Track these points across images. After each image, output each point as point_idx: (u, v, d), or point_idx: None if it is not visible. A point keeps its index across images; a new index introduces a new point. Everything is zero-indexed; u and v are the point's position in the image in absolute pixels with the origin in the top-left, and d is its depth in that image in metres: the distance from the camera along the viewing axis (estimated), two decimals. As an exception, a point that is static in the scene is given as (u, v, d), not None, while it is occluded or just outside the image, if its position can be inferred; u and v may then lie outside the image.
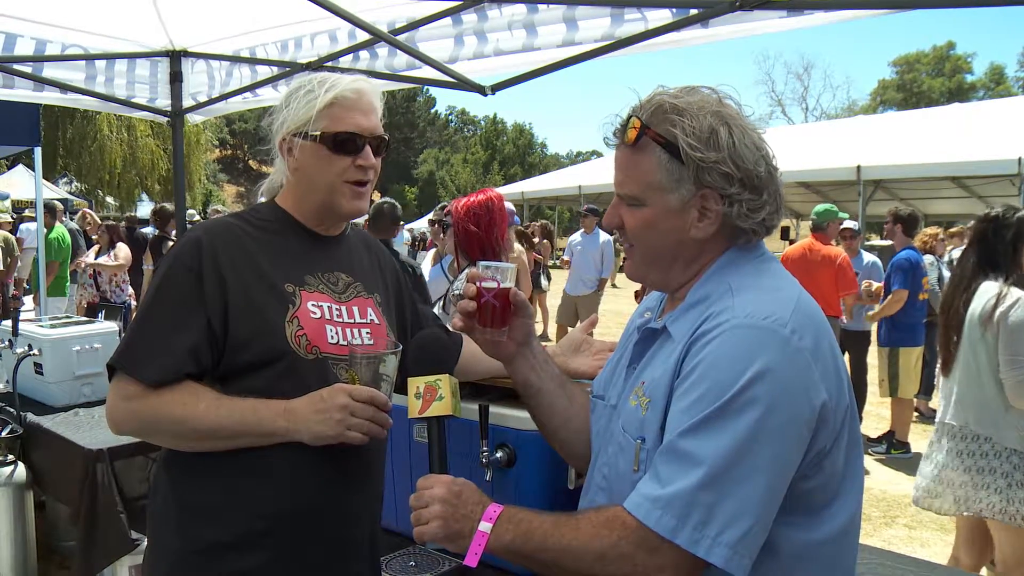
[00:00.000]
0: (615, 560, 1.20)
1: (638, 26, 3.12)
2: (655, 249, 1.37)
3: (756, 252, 1.36)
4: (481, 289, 1.51)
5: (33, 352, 3.46)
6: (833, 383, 1.23)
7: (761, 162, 1.29)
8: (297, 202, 1.71)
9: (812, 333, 1.22)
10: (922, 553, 4.61)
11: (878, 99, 55.52)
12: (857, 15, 2.82)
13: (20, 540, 3.25)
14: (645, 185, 1.32)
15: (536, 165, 59.13)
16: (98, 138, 26.59)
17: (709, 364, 1.19)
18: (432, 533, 1.31)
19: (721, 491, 1.14)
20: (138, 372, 1.52)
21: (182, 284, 1.55)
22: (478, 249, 3.66)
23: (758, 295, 1.25)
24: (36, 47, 4.03)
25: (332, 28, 3.86)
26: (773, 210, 1.31)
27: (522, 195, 24.73)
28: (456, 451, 1.97)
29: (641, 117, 1.31)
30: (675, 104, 1.30)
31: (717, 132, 1.27)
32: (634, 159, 1.33)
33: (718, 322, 1.22)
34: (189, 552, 1.56)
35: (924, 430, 7.51)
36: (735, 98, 1.34)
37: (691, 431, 1.18)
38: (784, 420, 1.17)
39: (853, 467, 1.30)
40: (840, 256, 6.71)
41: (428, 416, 1.43)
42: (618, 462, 1.35)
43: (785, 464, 1.18)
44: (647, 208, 1.33)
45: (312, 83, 1.65)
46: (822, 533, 1.26)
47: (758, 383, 1.15)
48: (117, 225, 9.92)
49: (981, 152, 14.49)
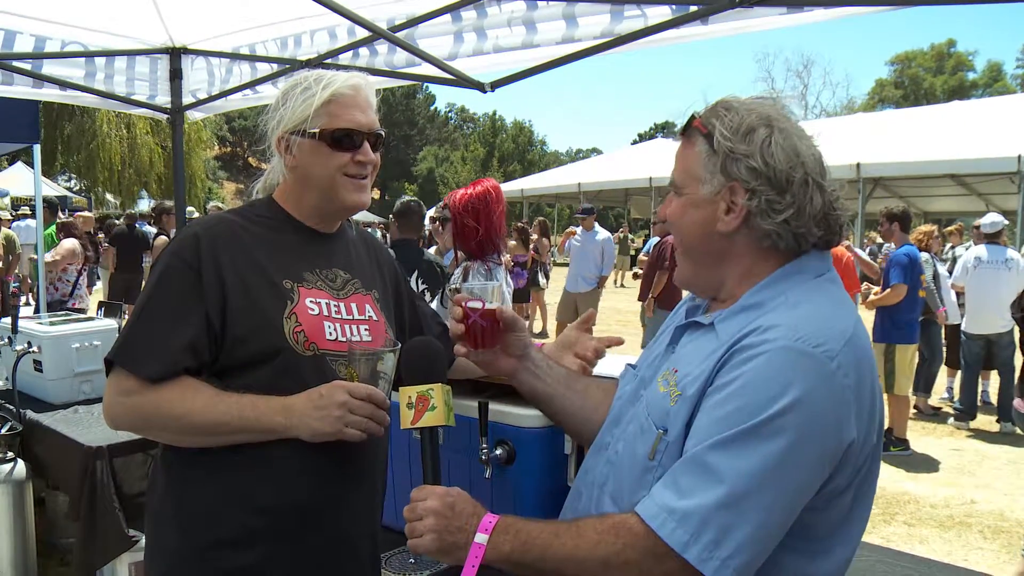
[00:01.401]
0: (619, 567, 1.20)
1: (638, 23, 3.12)
2: (687, 239, 1.39)
3: (821, 270, 1.34)
4: (467, 311, 1.51)
5: (32, 349, 3.46)
6: (865, 423, 1.22)
7: (798, 168, 1.29)
8: (295, 199, 1.71)
9: (857, 370, 1.21)
10: (921, 550, 4.62)
11: (876, 97, 55.48)
12: (856, 12, 2.81)
13: (19, 537, 3.25)
14: (686, 173, 1.37)
15: (536, 162, 59.09)
16: (97, 135, 26.56)
17: (748, 380, 1.18)
18: (426, 547, 1.31)
19: (738, 514, 1.14)
20: (136, 367, 1.52)
21: (180, 280, 1.55)
22: (476, 242, 3.64)
23: (813, 319, 1.23)
24: (36, 44, 4.02)
25: (332, 25, 3.85)
26: (798, 216, 1.29)
27: (522, 192, 24.75)
28: (456, 448, 1.97)
29: (697, 112, 1.37)
30: (729, 103, 1.35)
31: (755, 130, 1.30)
32: (683, 149, 1.39)
33: (766, 338, 1.20)
34: (188, 549, 1.56)
35: (923, 427, 7.53)
36: (791, 108, 1.37)
37: (718, 446, 1.16)
38: (811, 452, 1.16)
39: (857, 513, 1.29)
40: (845, 256, 6.77)
41: (420, 427, 1.42)
42: (636, 443, 1.34)
43: (801, 495, 1.18)
44: (684, 196, 1.37)
45: (308, 81, 1.65)
46: (822, 565, 1.26)
47: (793, 411, 1.14)
48: (73, 221, 9.74)
49: (980, 150, 14.50)
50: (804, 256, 1.34)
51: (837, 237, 1.35)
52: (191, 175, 25.89)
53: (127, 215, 13.56)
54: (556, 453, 1.88)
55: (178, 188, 5.20)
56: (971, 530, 5.05)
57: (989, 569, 4.35)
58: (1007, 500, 5.59)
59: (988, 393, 8.29)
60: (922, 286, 6.74)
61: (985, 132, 15.66)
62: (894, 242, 6.83)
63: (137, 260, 10.89)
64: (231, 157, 61.57)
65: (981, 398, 8.05)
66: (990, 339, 7.47)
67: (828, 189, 1.33)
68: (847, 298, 1.34)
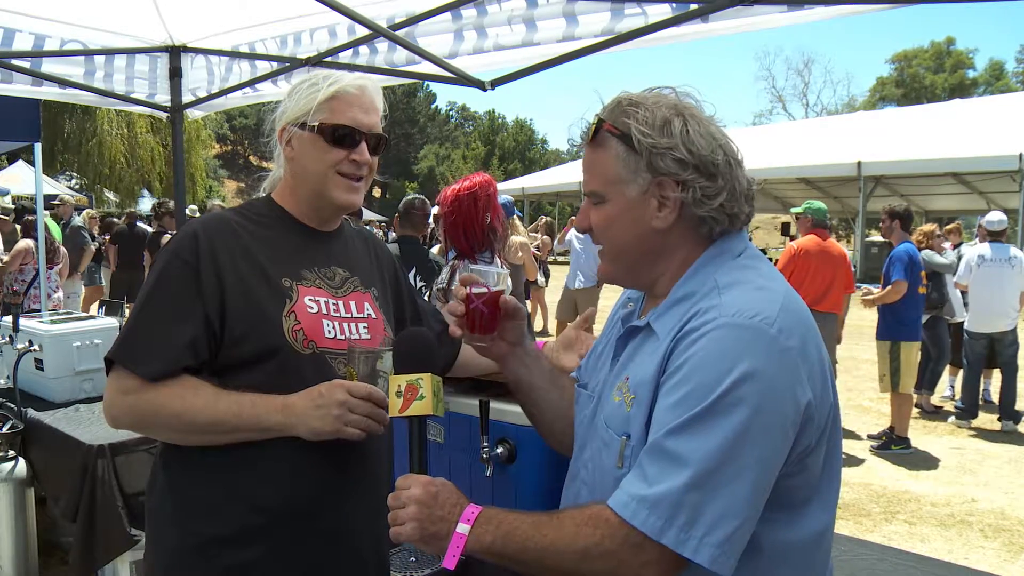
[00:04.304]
0: (598, 557, 1.20)
1: (638, 21, 3.12)
2: (620, 244, 1.38)
3: (739, 248, 1.36)
4: (471, 295, 1.51)
5: (33, 348, 3.47)
6: (818, 382, 1.24)
7: (719, 151, 1.30)
8: (292, 196, 1.71)
9: (799, 332, 1.22)
10: (922, 549, 4.62)
11: (877, 95, 55.43)
12: (857, 10, 2.81)
13: (21, 536, 3.26)
14: (605, 180, 1.35)
15: (536, 161, 59.09)
16: (98, 133, 26.56)
17: (696, 363, 1.19)
18: (407, 535, 1.31)
19: (707, 492, 1.15)
20: (136, 366, 1.52)
21: (179, 278, 1.55)
22: (463, 236, 3.56)
23: (745, 293, 1.25)
24: (35, 42, 4.02)
25: (331, 23, 3.85)
26: (731, 197, 1.31)
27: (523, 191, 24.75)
28: (457, 447, 1.98)
29: (601, 115, 1.35)
30: (632, 99, 1.34)
31: (670, 122, 1.29)
32: (595, 156, 1.36)
33: (705, 320, 1.22)
34: (188, 547, 1.56)
35: (925, 426, 7.52)
36: (695, 96, 1.36)
37: (677, 431, 1.18)
38: (770, 420, 1.17)
39: (832, 468, 1.31)
40: (845, 255, 6.80)
41: (408, 415, 1.43)
42: (602, 457, 1.36)
43: (771, 464, 1.19)
44: (609, 203, 1.35)
45: (317, 77, 1.67)
46: (802, 533, 1.27)
47: (744, 384, 1.16)
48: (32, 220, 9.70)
49: (981, 148, 14.51)
50: (721, 240, 1.35)
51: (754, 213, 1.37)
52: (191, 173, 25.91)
53: (127, 214, 13.57)
54: (556, 452, 1.88)
55: (178, 186, 5.21)
56: (972, 529, 5.05)
57: (990, 568, 4.35)
58: (1008, 499, 5.58)
59: (989, 392, 8.28)
60: (923, 283, 6.74)
61: (986, 130, 15.67)
62: (894, 240, 6.83)
63: (138, 258, 10.91)
64: (231, 155, 61.57)
65: (982, 397, 8.04)
66: (993, 337, 7.46)
67: (744, 166, 1.35)
68: (772, 271, 1.36)
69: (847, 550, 2.51)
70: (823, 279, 6.57)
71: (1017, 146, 13.48)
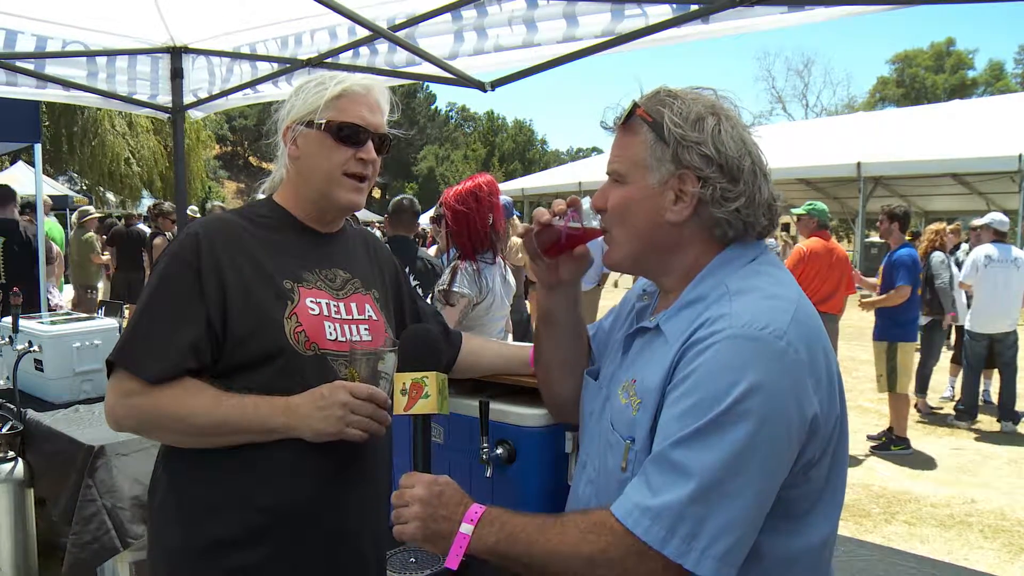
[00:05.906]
0: (603, 565, 1.20)
1: (638, 22, 3.12)
2: (630, 231, 1.37)
3: (753, 253, 1.35)
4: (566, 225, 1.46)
5: (33, 348, 3.46)
6: (825, 394, 1.23)
7: (746, 157, 1.30)
8: (295, 196, 1.71)
9: (808, 343, 1.22)
10: (922, 550, 4.61)
11: (877, 96, 55.40)
12: (857, 11, 2.81)
13: (20, 536, 3.25)
14: (630, 162, 1.35)
15: (536, 161, 59.09)
16: (99, 134, 26.56)
17: (703, 374, 1.19)
18: (410, 534, 1.31)
19: (711, 504, 1.15)
20: (138, 368, 1.52)
21: (181, 280, 1.55)
22: (466, 236, 3.58)
23: (756, 302, 1.24)
24: (37, 44, 4.02)
25: (332, 24, 3.86)
26: (749, 204, 1.30)
27: (522, 191, 24.70)
28: (456, 447, 1.97)
29: (638, 101, 1.35)
30: (671, 91, 1.34)
31: (704, 119, 1.29)
32: (624, 139, 1.37)
33: (714, 329, 1.21)
34: (190, 549, 1.56)
35: (923, 427, 7.53)
36: (734, 101, 1.36)
37: (683, 442, 1.18)
38: (775, 433, 1.17)
39: (836, 479, 1.30)
40: (847, 256, 6.81)
41: (413, 414, 1.43)
42: (607, 457, 1.36)
43: (774, 476, 1.19)
44: (629, 185, 1.35)
45: (324, 77, 1.68)
46: (803, 542, 1.27)
47: (751, 397, 1.15)
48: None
49: (981, 149, 14.48)
50: (734, 245, 1.35)
51: (775, 228, 1.37)
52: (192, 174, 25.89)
53: (125, 215, 13.58)
54: (557, 452, 1.88)
55: (179, 187, 5.22)
56: (972, 529, 5.06)
57: (990, 568, 4.35)
58: (1008, 499, 5.59)
59: (989, 392, 8.28)
60: (920, 285, 6.75)
61: (986, 131, 15.64)
62: (892, 242, 6.83)
63: (136, 258, 10.93)
64: (232, 156, 61.55)
65: (982, 397, 8.05)
66: (994, 338, 7.46)
67: (771, 179, 1.34)
68: (786, 276, 1.35)
69: (847, 550, 2.51)
70: (831, 281, 6.58)
71: (1017, 147, 13.45)
